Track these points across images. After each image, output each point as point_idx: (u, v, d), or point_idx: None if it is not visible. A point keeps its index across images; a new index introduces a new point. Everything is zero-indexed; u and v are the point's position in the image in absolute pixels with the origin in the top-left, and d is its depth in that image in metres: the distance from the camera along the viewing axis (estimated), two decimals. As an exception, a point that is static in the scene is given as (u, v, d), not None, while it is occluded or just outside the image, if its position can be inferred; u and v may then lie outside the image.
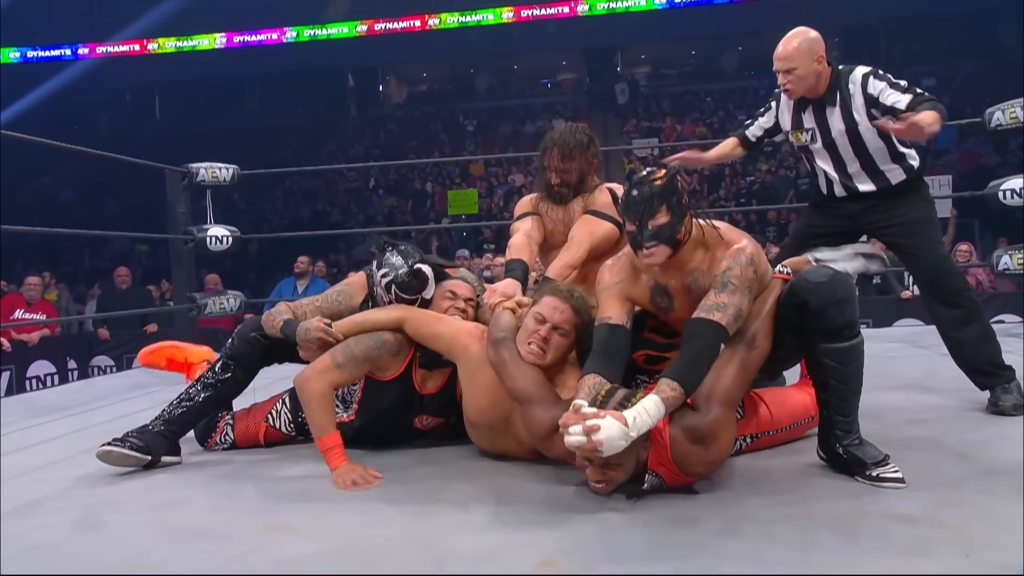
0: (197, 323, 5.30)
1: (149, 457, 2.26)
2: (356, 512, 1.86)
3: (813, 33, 2.64)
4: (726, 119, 18.02)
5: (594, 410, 1.71)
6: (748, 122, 2.98)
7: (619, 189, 2.67)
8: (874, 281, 6.27)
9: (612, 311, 1.98)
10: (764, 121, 2.89)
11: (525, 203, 2.80)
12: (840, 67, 2.66)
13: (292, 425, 2.46)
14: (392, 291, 2.35)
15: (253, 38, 21.22)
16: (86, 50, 21.37)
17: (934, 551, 1.45)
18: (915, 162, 2.68)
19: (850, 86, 2.61)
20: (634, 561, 1.49)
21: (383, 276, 2.36)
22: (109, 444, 2.22)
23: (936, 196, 2.77)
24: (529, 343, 2.05)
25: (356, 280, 2.54)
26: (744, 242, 1.92)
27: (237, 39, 21.26)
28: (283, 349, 2.41)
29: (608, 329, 1.96)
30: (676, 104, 19.68)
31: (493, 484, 2.01)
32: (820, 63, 2.60)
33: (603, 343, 1.95)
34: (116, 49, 21.35)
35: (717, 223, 1.99)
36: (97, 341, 7.06)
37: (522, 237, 2.64)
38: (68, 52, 21.35)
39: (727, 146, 3.02)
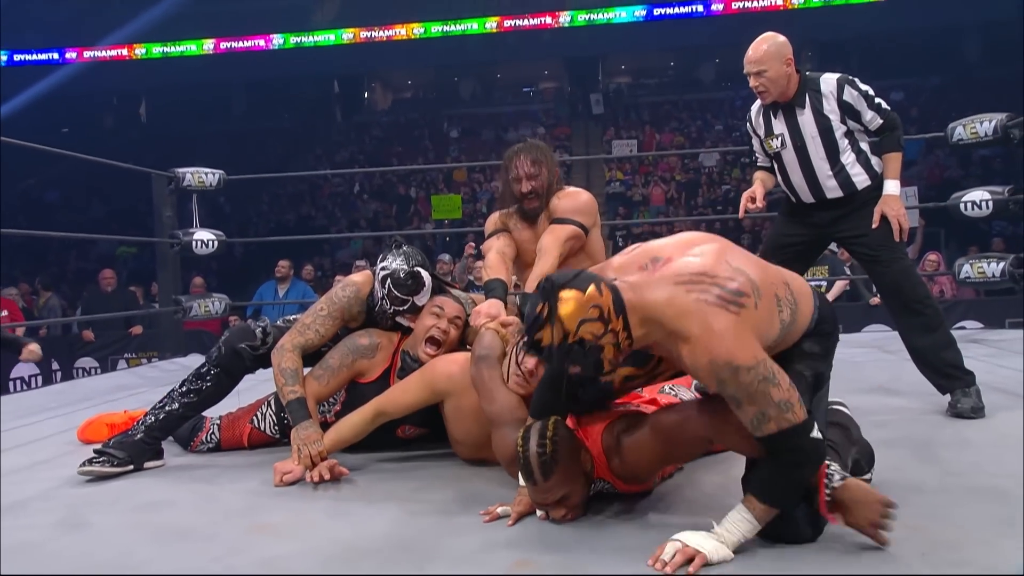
0: (184, 325, 5.26)
1: (132, 467, 2.25)
2: (337, 513, 1.87)
3: (781, 38, 2.69)
4: (703, 129, 18.20)
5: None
6: (754, 159, 2.96)
7: (573, 194, 2.69)
8: (845, 288, 6.36)
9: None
10: (757, 147, 2.89)
11: (494, 220, 2.77)
12: (808, 73, 2.71)
13: (276, 428, 2.46)
14: (387, 286, 2.31)
15: (240, 44, 21.09)
16: (73, 54, 21.14)
17: (892, 550, 1.48)
18: (880, 168, 2.71)
19: (822, 87, 2.65)
20: (607, 561, 1.50)
21: (383, 270, 2.33)
22: (89, 464, 2.19)
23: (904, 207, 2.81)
24: (517, 375, 2.01)
25: (361, 281, 2.43)
26: (713, 346, 1.42)
27: (224, 45, 21.12)
28: (267, 357, 2.39)
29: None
30: (655, 113, 19.81)
31: (471, 488, 2.02)
32: (789, 66, 2.66)
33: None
34: (103, 54, 21.14)
35: (653, 295, 1.47)
36: (81, 343, 6.99)
37: (495, 256, 2.62)
38: (56, 56, 21.11)
39: (760, 178, 2.91)
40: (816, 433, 1.47)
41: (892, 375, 3.34)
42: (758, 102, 2.80)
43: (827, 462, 1.50)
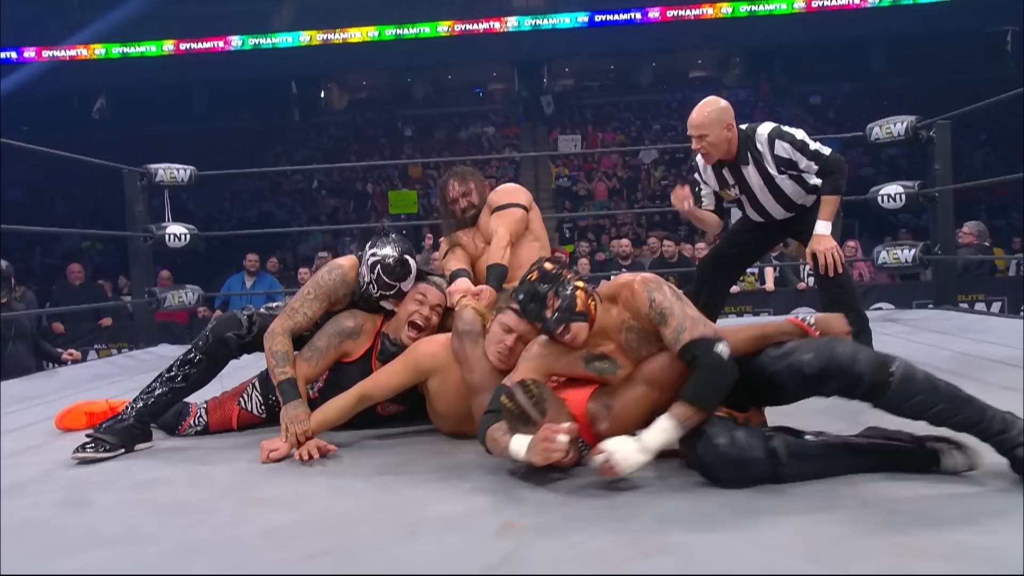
0: (156, 316, 5.15)
1: (123, 451, 2.22)
2: (328, 486, 1.88)
3: (723, 103, 2.74)
4: (642, 128, 18.44)
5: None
6: (701, 202, 3.00)
7: (508, 187, 2.81)
8: (775, 274, 6.56)
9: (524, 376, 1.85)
10: (707, 192, 2.97)
11: (444, 244, 2.86)
12: (743, 127, 2.78)
13: (263, 407, 2.45)
14: (376, 271, 2.29)
15: (200, 45, 20.51)
16: (32, 53, 20.28)
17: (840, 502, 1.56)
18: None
19: (758, 145, 2.73)
20: (586, 521, 1.55)
21: (372, 256, 2.31)
22: (82, 450, 2.16)
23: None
24: (498, 351, 2.05)
25: (347, 264, 2.41)
26: (638, 277, 1.84)
27: (184, 46, 20.52)
28: (254, 344, 2.39)
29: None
30: (597, 114, 19.98)
31: (452, 460, 2.04)
32: (730, 131, 2.72)
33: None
34: (62, 54, 20.32)
35: (613, 280, 1.92)
36: (52, 335, 6.77)
37: (454, 261, 2.71)
38: (14, 55, 20.21)
39: (711, 219, 3.01)
40: (721, 348, 1.68)
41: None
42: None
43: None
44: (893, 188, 4.63)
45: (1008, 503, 1.51)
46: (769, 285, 6.56)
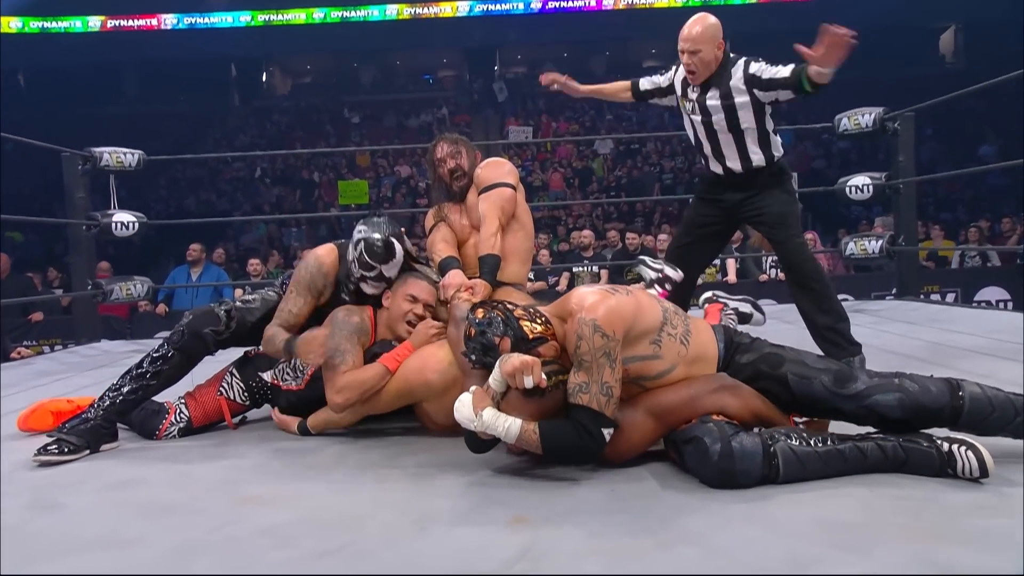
0: (99, 309, 4.95)
1: (88, 452, 2.13)
2: (319, 482, 1.84)
3: (713, 19, 2.70)
4: (596, 118, 18.55)
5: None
6: (643, 78, 3.04)
7: (495, 162, 2.76)
8: (736, 266, 6.70)
9: None
10: (660, 80, 2.97)
11: (430, 217, 2.82)
12: (731, 54, 2.76)
13: (245, 394, 2.39)
14: (359, 248, 2.28)
15: (130, 23, 19.75)
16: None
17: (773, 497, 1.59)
18: (778, 152, 2.84)
19: (732, 68, 2.72)
20: (597, 514, 1.55)
21: (357, 233, 2.30)
22: (45, 452, 2.06)
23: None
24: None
25: (324, 255, 2.41)
26: (586, 306, 1.71)
27: (112, 23, 19.72)
28: (231, 340, 2.34)
29: None
30: (550, 103, 20.01)
31: (443, 455, 2.02)
32: (720, 49, 2.71)
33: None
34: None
35: (569, 294, 1.84)
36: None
37: (441, 243, 2.67)
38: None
39: (616, 86, 3.09)
40: (606, 434, 1.70)
41: (794, 343, 3.54)
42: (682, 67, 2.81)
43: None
44: (861, 179, 4.77)
45: (1011, 488, 1.57)
46: (731, 277, 6.69)
